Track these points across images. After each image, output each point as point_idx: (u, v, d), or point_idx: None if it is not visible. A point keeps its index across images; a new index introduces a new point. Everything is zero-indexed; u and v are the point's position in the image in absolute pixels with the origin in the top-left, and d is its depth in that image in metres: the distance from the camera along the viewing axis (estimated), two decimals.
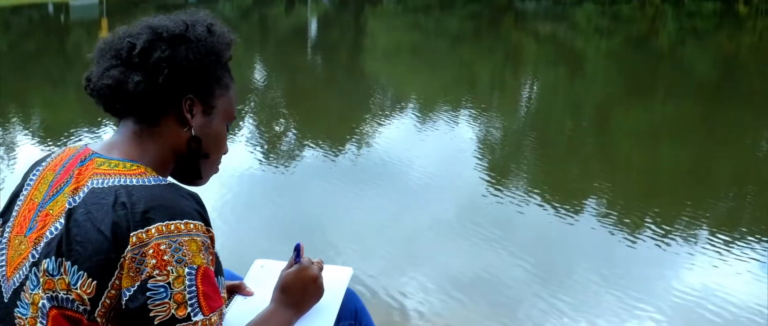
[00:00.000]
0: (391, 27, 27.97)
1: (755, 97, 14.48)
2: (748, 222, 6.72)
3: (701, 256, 5.58)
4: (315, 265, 1.68)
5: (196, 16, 1.52)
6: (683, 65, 18.48)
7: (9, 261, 1.38)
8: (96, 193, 1.32)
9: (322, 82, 15.28)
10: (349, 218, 6.26)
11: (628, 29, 28.74)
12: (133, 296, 1.25)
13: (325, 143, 8.87)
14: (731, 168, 8.65)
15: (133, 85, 1.40)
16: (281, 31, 26.17)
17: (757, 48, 24.06)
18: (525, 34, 26.31)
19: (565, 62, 19.01)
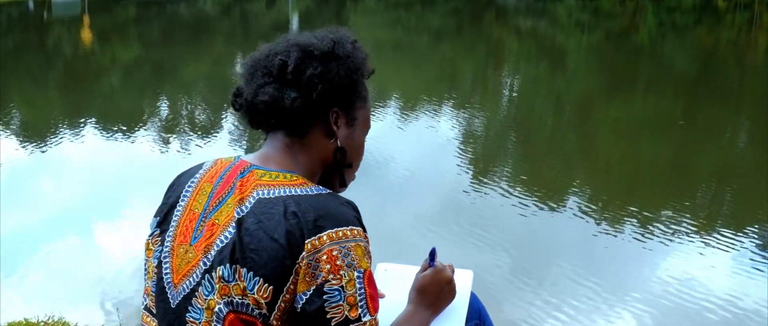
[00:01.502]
0: (372, 23, 27.97)
1: (734, 91, 14.61)
2: (727, 216, 6.79)
3: (681, 250, 5.63)
4: (448, 268, 1.73)
5: (339, 34, 1.58)
6: (663, 60, 18.60)
7: (175, 269, 1.44)
8: (263, 203, 1.38)
9: None
10: None
11: (609, 24, 28.89)
12: (310, 299, 1.32)
13: None
14: (711, 162, 8.73)
15: (290, 101, 1.47)
16: (262, 27, 26.09)
17: (736, 42, 24.27)
18: (506, 30, 26.38)
19: (547, 57, 19.09)
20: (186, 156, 8.38)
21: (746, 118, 11.86)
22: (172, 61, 16.84)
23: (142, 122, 10.10)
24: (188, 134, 9.37)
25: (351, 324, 1.33)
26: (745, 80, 16.23)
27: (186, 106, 11.80)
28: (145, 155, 8.42)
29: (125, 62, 17.06)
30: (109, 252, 5.56)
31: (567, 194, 6.97)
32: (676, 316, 4.58)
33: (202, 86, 13.85)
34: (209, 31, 23.87)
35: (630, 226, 6.10)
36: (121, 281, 4.93)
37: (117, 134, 9.27)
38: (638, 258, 5.51)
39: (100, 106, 11.78)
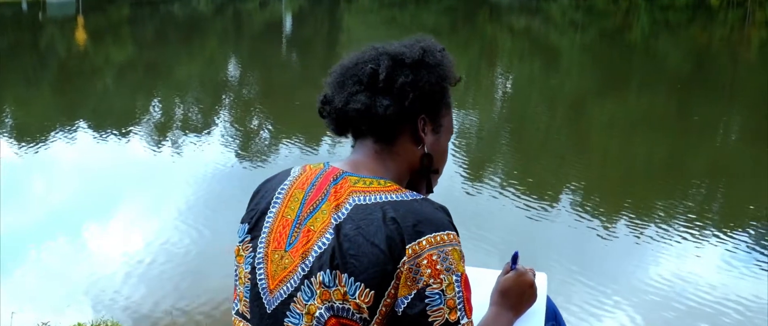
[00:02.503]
0: (367, 22, 27.98)
1: (727, 88, 14.65)
2: (720, 212, 6.81)
3: (674, 246, 5.65)
4: (529, 272, 1.77)
5: (427, 43, 1.61)
6: (657, 58, 18.63)
7: (270, 275, 1.47)
8: (361, 209, 1.40)
9: (297, 77, 15.25)
10: None
11: (602, 23, 28.93)
12: (412, 303, 1.34)
13: (300, 139, 8.85)
14: (704, 159, 8.75)
15: (383, 109, 1.50)
16: (256, 27, 26.08)
17: (729, 40, 24.32)
18: (500, 28, 26.41)
19: (540, 56, 19.12)
20: (179, 156, 8.37)
21: (739, 114, 11.90)
22: (166, 61, 16.82)
23: (136, 122, 10.09)
24: (182, 134, 9.36)
25: (450, 325, 1.36)
26: (738, 77, 16.27)
27: (179, 106, 11.78)
28: (139, 155, 8.41)
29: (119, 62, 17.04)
30: (102, 252, 5.55)
31: (560, 191, 6.99)
32: (669, 311, 4.59)
33: (196, 86, 13.84)
34: (202, 30, 23.84)
35: (624, 223, 6.11)
36: (115, 282, 4.92)
37: (110, 134, 9.26)
38: (632, 254, 5.53)
39: (93, 106, 11.76)
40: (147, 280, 4.93)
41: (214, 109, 11.17)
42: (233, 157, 8.16)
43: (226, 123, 10.10)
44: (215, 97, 12.26)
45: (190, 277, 4.98)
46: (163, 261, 5.21)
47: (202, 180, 7.09)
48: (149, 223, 6.05)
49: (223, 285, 4.82)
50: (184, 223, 5.91)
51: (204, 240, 5.66)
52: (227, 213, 6.23)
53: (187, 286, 4.84)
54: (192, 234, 5.72)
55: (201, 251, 5.45)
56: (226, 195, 6.77)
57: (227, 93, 12.75)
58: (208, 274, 5.02)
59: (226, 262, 5.29)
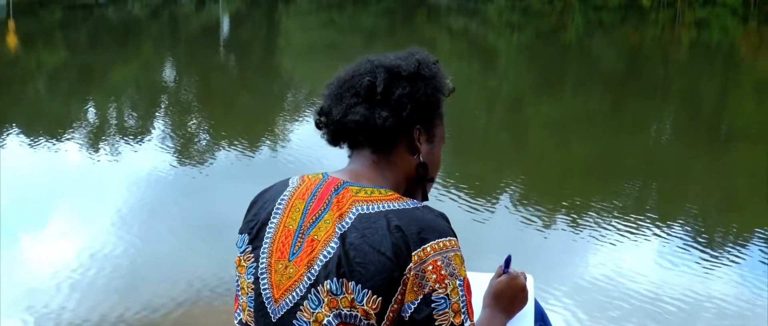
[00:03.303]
0: (305, 25, 27.87)
1: (659, 86, 15.01)
2: (653, 208, 6.96)
3: (609, 242, 5.76)
4: (521, 275, 1.84)
5: (421, 55, 1.68)
6: (591, 57, 18.99)
7: (275, 284, 1.50)
8: (365, 218, 1.45)
9: (236, 81, 15.10)
10: None
11: (538, 23, 29.37)
12: (419, 308, 1.39)
13: (239, 143, 8.77)
14: (638, 156, 8.94)
15: (382, 120, 1.55)
16: (192, 30, 25.75)
17: (660, 40, 24.94)
18: (438, 30, 26.59)
19: (479, 56, 19.31)
20: (115, 162, 8.21)
21: (671, 112, 12.21)
22: (100, 65, 16.47)
23: (70, 128, 9.86)
24: (118, 139, 9.18)
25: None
26: (670, 76, 16.69)
27: (115, 110, 11.56)
28: (73, 162, 8.22)
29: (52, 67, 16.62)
30: (35, 263, 5.40)
31: (500, 189, 7.06)
32: (605, 307, 4.67)
33: (131, 90, 13.59)
34: (137, 34, 23.44)
35: (562, 221, 6.21)
36: (48, 293, 4.80)
37: (44, 141, 9.03)
38: (569, 251, 5.62)
39: (25, 111, 11.44)
40: (82, 290, 4.81)
41: (151, 114, 10.99)
42: (171, 161, 8.04)
43: (164, 127, 9.94)
44: (152, 102, 12.06)
45: (128, 285, 4.89)
46: (100, 270, 5.10)
47: (140, 186, 6.97)
48: (85, 231, 5.91)
49: (163, 292, 4.74)
50: (122, 230, 5.80)
51: (142, 246, 5.56)
52: (166, 219, 6.14)
53: (125, 294, 4.75)
54: (129, 240, 5.61)
55: (139, 257, 5.35)
56: (164, 200, 6.67)
57: (164, 97, 12.56)
58: (148, 281, 4.93)
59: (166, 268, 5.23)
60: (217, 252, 5.40)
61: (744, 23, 30.33)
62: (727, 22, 30.22)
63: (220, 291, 4.79)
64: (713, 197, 7.28)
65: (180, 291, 4.76)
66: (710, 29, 27.81)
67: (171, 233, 5.83)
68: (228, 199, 6.76)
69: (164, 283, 4.86)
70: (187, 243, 5.62)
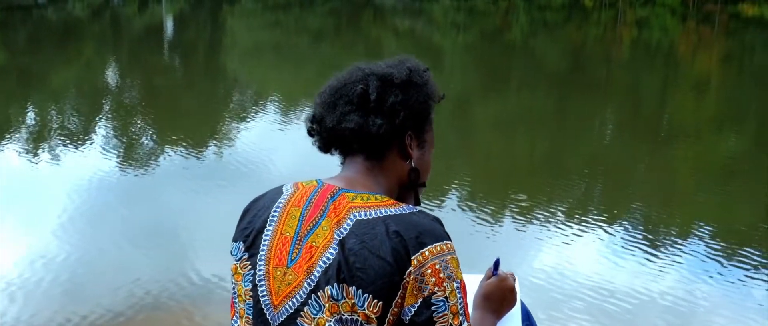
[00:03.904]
0: (250, 25, 27.65)
1: (602, 85, 15.26)
2: (599, 204, 7.08)
3: (556, 239, 5.83)
4: (510, 277, 1.87)
5: (412, 63, 1.69)
6: (536, 56, 19.22)
7: (273, 291, 1.52)
8: (363, 224, 1.47)
9: (180, 82, 14.91)
10: (207, 220, 6.13)
11: (483, 23, 29.63)
12: (419, 311, 1.42)
13: (184, 145, 8.65)
14: (582, 154, 9.08)
15: (376, 128, 1.57)
16: (135, 31, 25.34)
17: (602, 39, 25.37)
18: (384, 30, 26.63)
19: (425, 56, 19.33)
20: (56, 166, 8.03)
21: (614, 110, 12.42)
22: (41, 67, 16.10)
23: (9, 131, 9.61)
24: (59, 143, 8.97)
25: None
26: (612, 74, 16.99)
27: (56, 113, 11.30)
28: (13, 166, 8.00)
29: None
30: None
31: (447, 189, 7.09)
32: (552, 303, 4.73)
33: (73, 93, 13.31)
34: (79, 35, 22.98)
35: (510, 219, 6.27)
36: None
37: None
38: (517, 249, 5.67)
39: None
40: (22, 299, 4.69)
41: (93, 116, 10.77)
42: (114, 165, 7.89)
43: (106, 130, 9.76)
44: (94, 104, 11.83)
45: (70, 293, 4.78)
46: (40, 278, 4.98)
47: (82, 191, 6.83)
48: (25, 238, 5.76)
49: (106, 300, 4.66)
50: (63, 236, 5.67)
51: (84, 253, 5.45)
52: (109, 224, 6.03)
53: (66, 303, 4.65)
54: (71, 247, 5.49)
55: (81, 265, 5.24)
56: (107, 204, 6.54)
57: (106, 99, 12.33)
58: (90, 289, 4.83)
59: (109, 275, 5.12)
60: (161, 258, 5.33)
61: (683, 22, 31.05)
62: (667, 21, 30.90)
63: (163, 298, 4.72)
64: (656, 193, 7.43)
65: (123, 298, 4.68)
66: (650, 28, 28.39)
67: (114, 238, 5.72)
68: (173, 203, 6.67)
69: (107, 291, 4.77)
70: (131, 249, 5.52)
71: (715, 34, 26.89)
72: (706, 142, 10.07)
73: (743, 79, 16.87)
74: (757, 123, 11.53)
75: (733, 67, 19.16)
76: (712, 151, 9.55)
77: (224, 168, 7.85)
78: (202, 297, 4.74)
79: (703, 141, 10.14)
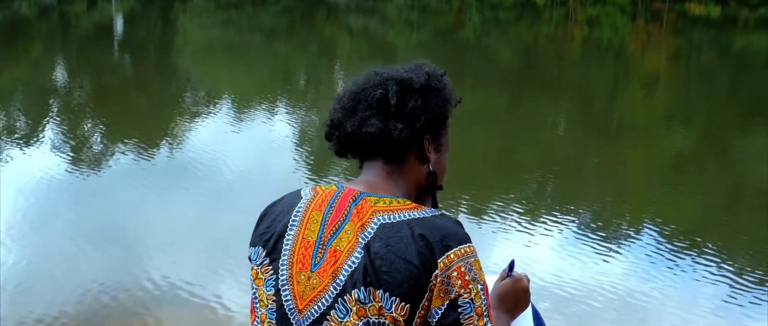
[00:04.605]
0: (203, 24, 27.37)
1: (554, 82, 15.44)
2: (552, 200, 7.15)
3: (510, 234, 5.88)
4: (525, 278, 1.89)
5: (429, 67, 1.70)
6: (488, 55, 19.36)
7: (298, 296, 1.52)
8: (387, 228, 1.48)
9: (131, 81, 14.70)
10: (160, 221, 6.06)
11: (436, 21, 29.76)
12: (446, 313, 1.44)
13: (134, 145, 8.52)
14: (535, 150, 9.17)
15: (397, 132, 1.59)
16: (84, 30, 24.92)
17: (554, 37, 25.66)
18: (338, 28, 26.59)
19: (379, 55, 19.39)
20: (3, 167, 7.85)
21: (565, 107, 12.58)
22: None
23: None
24: (6, 144, 8.77)
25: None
26: (564, 72, 17.19)
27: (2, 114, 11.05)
28: None
29: None
30: None
31: None
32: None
33: (20, 93, 13.03)
34: (26, 34, 22.51)
35: (464, 217, 6.30)
36: None
37: None
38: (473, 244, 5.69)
39: None
40: None
41: (42, 117, 10.56)
42: (63, 165, 7.74)
43: (55, 131, 9.57)
44: (42, 104, 11.59)
45: (19, 297, 4.68)
46: None
47: (31, 192, 6.68)
48: None
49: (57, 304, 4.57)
50: (11, 239, 5.55)
51: (34, 256, 5.34)
52: (59, 226, 5.91)
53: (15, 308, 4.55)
54: (20, 250, 5.37)
55: (31, 268, 5.13)
56: (57, 206, 6.42)
57: (55, 99, 12.10)
58: (41, 293, 4.73)
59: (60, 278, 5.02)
60: (113, 260, 5.24)
61: (632, 21, 31.57)
62: (617, 20, 31.39)
63: (115, 302, 4.64)
64: (608, 189, 7.54)
65: (74, 303, 4.59)
66: (601, 27, 28.81)
67: (63, 242, 5.61)
68: (124, 205, 6.57)
69: (57, 296, 4.67)
70: (81, 253, 5.42)
71: (664, 33, 27.39)
72: (655, 139, 10.25)
73: (691, 77, 17.22)
74: (704, 119, 11.77)
75: (681, 64, 19.55)
76: (662, 147, 9.73)
77: (176, 169, 7.76)
78: (155, 300, 4.68)
79: (652, 137, 10.32)
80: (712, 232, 6.27)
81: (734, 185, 7.92)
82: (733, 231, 6.41)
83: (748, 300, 4.94)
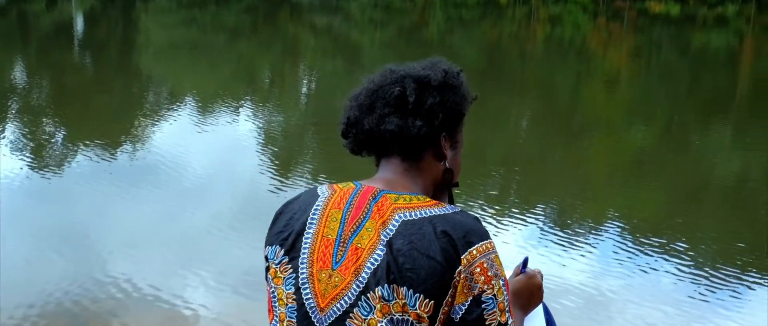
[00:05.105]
0: (165, 23, 27.10)
1: (517, 80, 15.55)
2: (516, 197, 7.21)
3: None
4: (538, 275, 1.90)
5: (445, 65, 1.69)
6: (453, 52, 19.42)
7: (319, 294, 1.53)
8: (409, 225, 1.49)
9: (92, 81, 14.51)
10: (123, 222, 5.99)
11: (400, 20, 29.80)
12: (470, 309, 1.45)
13: (96, 145, 8.41)
14: (499, 148, 9.23)
15: (417, 130, 1.59)
16: (44, 29, 24.55)
17: (517, 35, 25.85)
18: (302, 27, 26.50)
19: (343, 53, 19.37)
20: None
21: (529, 105, 12.67)
22: None
23: None
24: None
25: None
26: (527, 70, 17.32)
27: None
28: None
29: None
30: None
31: None
32: None
33: None
34: None
35: None
36: None
37: None
38: None
39: None
40: None
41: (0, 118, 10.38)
42: (23, 167, 7.62)
43: (14, 132, 9.41)
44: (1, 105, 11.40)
45: None
46: None
47: None
48: None
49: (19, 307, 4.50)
50: None
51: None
52: (19, 227, 5.82)
53: None
54: None
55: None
56: (17, 208, 6.31)
57: (14, 100, 11.90)
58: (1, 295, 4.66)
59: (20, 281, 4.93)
60: (77, 263, 5.17)
61: (594, 19, 31.90)
62: (579, 18, 31.70)
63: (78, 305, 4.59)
64: (570, 185, 7.61)
65: (38, 307, 4.52)
66: (563, 25, 29.08)
67: (25, 244, 5.53)
68: (87, 205, 6.49)
69: (20, 300, 4.60)
70: (44, 255, 5.34)
71: (625, 31, 27.73)
72: (617, 135, 10.38)
73: (651, 74, 17.46)
74: (665, 116, 11.94)
75: (641, 62, 19.80)
76: (624, 144, 9.85)
77: (139, 170, 7.68)
78: (119, 304, 4.62)
79: (614, 134, 10.45)
80: (674, 227, 6.36)
81: (695, 180, 8.05)
82: (695, 225, 6.51)
83: (711, 293, 5.03)
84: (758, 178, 8.14)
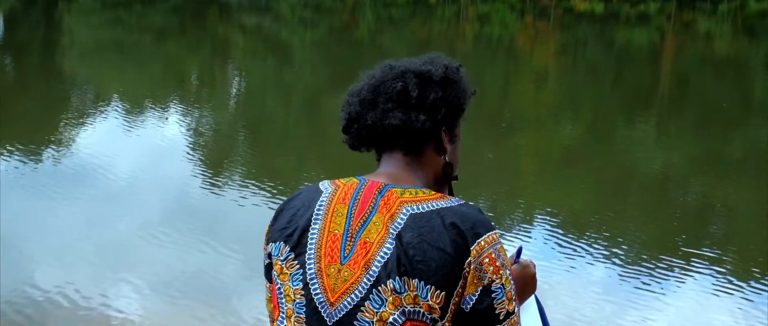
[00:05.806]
0: (90, 24, 26.47)
1: None
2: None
3: None
4: (532, 265, 1.92)
5: (445, 60, 1.72)
6: (383, 52, 19.47)
7: (329, 288, 1.53)
8: (417, 218, 1.51)
9: (13, 84, 14.07)
10: (49, 229, 5.83)
11: (331, 20, 29.76)
12: (480, 299, 1.48)
13: (18, 150, 8.17)
14: None
15: (420, 124, 1.61)
16: None
17: (446, 34, 26.09)
18: (231, 27, 26.23)
19: (273, 53, 19.24)
20: None
21: None
22: None
23: None
24: None
25: (510, 315, 1.52)
26: None
27: None
28: None
29: None
30: None
31: (301, 184, 7.07)
32: None
33: None
34: None
35: None
36: None
37: None
38: None
39: None
40: None
41: None
42: None
43: None
44: None
45: None
46: None
47: None
48: None
49: None
50: None
51: None
52: None
53: None
54: None
55: None
56: None
57: None
58: None
59: None
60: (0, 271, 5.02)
61: (521, 18, 32.42)
62: (506, 16, 32.17)
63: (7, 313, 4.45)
64: (500, 181, 7.72)
65: None
66: (491, 24, 29.47)
67: None
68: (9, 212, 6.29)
69: None
70: None
71: (551, 29, 28.26)
72: (545, 131, 10.57)
73: (577, 70, 17.84)
74: (591, 112, 12.22)
75: (568, 59, 20.22)
76: (552, 139, 10.04)
77: (64, 174, 7.48)
78: (45, 313, 4.51)
79: (542, 130, 10.64)
80: (601, 219, 6.52)
81: (621, 173, 8.26)
82: (621, 217, 6.68)
83: (638, 283, 5.17)
84: (680, 170, 8.41)
